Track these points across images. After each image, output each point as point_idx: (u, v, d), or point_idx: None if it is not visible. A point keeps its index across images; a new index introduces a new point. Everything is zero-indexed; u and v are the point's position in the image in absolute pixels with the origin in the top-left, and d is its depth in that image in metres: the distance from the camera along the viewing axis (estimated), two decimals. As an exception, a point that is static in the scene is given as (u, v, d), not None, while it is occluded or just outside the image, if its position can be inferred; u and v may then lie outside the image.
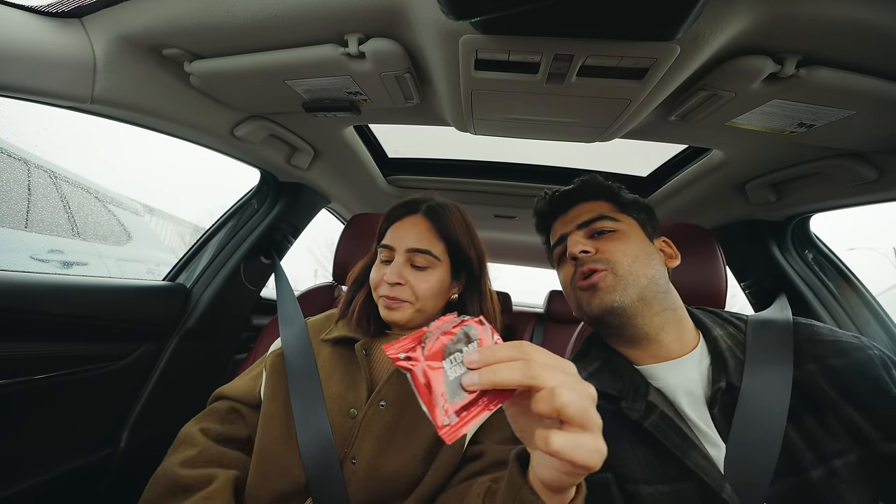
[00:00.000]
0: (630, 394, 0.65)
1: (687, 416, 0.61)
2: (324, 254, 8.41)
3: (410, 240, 0.74)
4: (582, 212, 0.76)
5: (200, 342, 1.27)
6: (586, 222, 0.74)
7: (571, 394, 0.33)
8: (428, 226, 0.76)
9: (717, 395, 0.61)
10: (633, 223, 0.75)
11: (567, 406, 0.32)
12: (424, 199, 0.81)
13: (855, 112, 0.70)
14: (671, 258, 0.77)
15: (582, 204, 0.78)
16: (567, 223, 0.77)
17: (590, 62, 0.63)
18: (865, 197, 0.95)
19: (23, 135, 1.66)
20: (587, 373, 0.73)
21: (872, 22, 0.54)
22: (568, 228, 0.76)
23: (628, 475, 0.59)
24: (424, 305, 0.74)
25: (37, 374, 0.86)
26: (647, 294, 0.67)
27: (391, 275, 0.72)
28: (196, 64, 0.79)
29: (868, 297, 1.13)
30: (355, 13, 0.64)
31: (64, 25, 0.69)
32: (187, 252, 1.33)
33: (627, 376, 0.68)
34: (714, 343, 0.67)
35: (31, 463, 0.88)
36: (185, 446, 0.69)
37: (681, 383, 0.64)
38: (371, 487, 0.63)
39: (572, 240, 0.73)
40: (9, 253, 1.63)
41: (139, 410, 1.11)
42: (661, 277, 0.70)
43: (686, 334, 0.69)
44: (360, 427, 0.67)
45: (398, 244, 0.75)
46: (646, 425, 0.60)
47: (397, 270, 0.72)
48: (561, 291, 2.14)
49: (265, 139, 1.11)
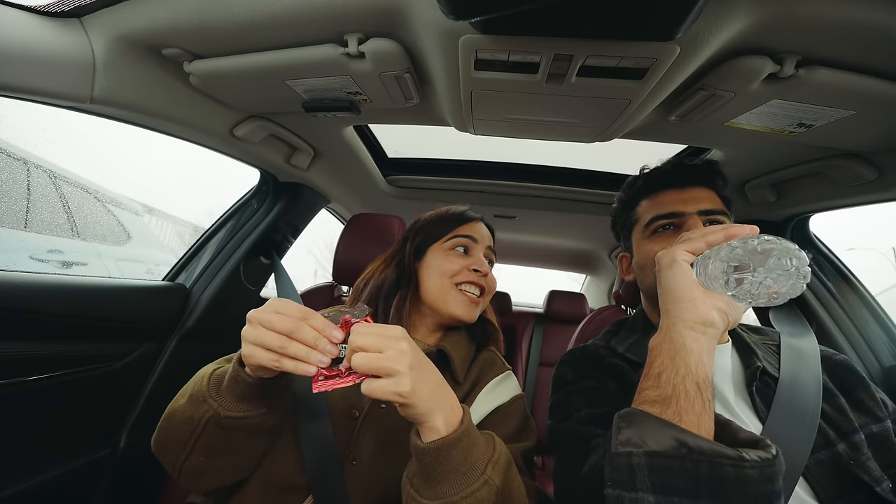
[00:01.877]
0: None
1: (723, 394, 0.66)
2: (323, 254, 8.41)
3: (487, 239, 0.86)
4: (703, 196, 0.74)
5: (200, 342, 1.27)
6: (708, 211, 0.72)
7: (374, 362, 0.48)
8: (490, 234, 0.89)
9: (756, 373, 0.66)
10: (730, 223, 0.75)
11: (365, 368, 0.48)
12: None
13: (854, 112, 0.70)
14: None
15: (703, 188, 0.75)
16: (686, 202, 0.73)
17: (589, 62, 0.63)
18: (865, 197, 0.95)
19: (22, 134, 1.66)
20: (624, 346, 0.77)
21: (872, 22, 0.54)
22: (688, 208, 0.72)
23: None
24: (483, 302, 0.81)
25: (36, 375, 0.86)
26: None
27: (484, 263, 0.81)
28: (195, 64, 0.79)
29: (867, 297, 1.14)
30: (355, 13, 0.64)
31: (63, 25, 0.69)
32: (187, 252, 1.33)
33: None
34: (740, 337, 0.74)
35: (30, 463, 0.88)
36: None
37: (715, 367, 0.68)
38: (371, 489, 0.63)
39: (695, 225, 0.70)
40: (8, 253, 1.63)
41: (139, 411, 1.11)
42: None
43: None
44: (361, 428, 0.67)
45: (481, 238, 0.84)
46: None
47: (483, 261, 0.81)
48: (561, 291, 2.16)
49: (265, 139, 1.11)
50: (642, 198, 0.80)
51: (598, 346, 0.81)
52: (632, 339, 0.78)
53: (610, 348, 0.78)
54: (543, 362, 2.05)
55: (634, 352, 0.74)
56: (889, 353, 1.06)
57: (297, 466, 0.65)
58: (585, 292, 3.03)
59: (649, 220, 0.76)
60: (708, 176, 0.76)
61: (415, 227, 0.89)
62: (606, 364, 0.75)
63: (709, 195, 0.74)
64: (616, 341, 0.79)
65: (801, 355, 0.71)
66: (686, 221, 0.72)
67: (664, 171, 0.80)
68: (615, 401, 0.66)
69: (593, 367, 0.76)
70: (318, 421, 0.67)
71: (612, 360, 0.75)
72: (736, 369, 0.69)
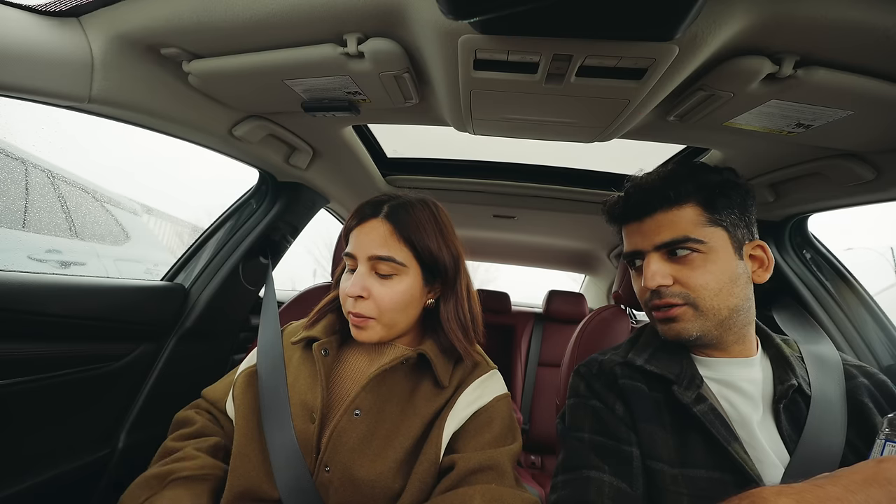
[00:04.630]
0: (685, 381, 0.65)
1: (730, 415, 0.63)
2: (322, 254, 8.41)
3: (372, 246, 0.67)
4: (661, 225, 0.65)
5: (199, 342, 1.26)
6: (666, 244, 0.64)
7: None
8: (390, 229, 0.68)
9: (788, 391, 0.63)
10: (722, 236, 0.64)
11: None
12: (389, 198, 0.73)
13: (853, 112, 0.70)
14: (762, 268, 0.68)
15: (663, 212, 0.65)
16: (644, 236, 0.67)
17: (588, 62, 0.63)
18: (863, 197, 0.95)
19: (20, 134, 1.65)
20: (643, 358, 0.71)
21: (870, 22, 0.54)
22: (644, 245, 0.67)
23: (656, 455, 0.62)
24: (392, 319, 0.68)
25: (35, 375, 0.86)
26: (728, 323, 0.65)
27: (353, 287, 0.66)
28: (194, 63, 0.78)
29: (866, 297, 1.14)
30: (354, 13, 0.64)
31: (61, 24, 0.69)
32: (186, 252, 1.33)
33: (686, 364, 0.68)
34: (777, 349, 0.69)
35: (29, 463, 0.88)
36: (184, 425, 0.73)
37: (742, 379, 0.66)
38: (347, 495, 0.62)
39: (649, 269, 0.65)
40: (6, 253, 1.63)
41: (137, 411, 1.11)
42: (745, 301, 0.66)
43: (751, 340, 0.70)
44: (333, 435, 0.65)
45: (360, 251, 0.68)
46: (695, 410, 0.61)
47: (360, 282, 0.66)
48: (560, 291, 2.16)
49: (264, 139, 1.11)
50: (620, 228, 0.76)
51: (614, 363, 0.74)
52: (650, 349, 0.73)
53: (627, 363, 0.73)
54: (543, 362, 2.05)
55: (655, 363, 0.70)
56: (887, 353, 1.06)
57: (267, 476, 0.64)
58: (585, 292, 3.03)
59: (624, 256, 0.74)
60: (663, 197, 0.66)
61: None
62: (618, 386, 0.70)
63: (672, 218, 0.65)
64: (635, 352, 0.74)
65: (825, 366, 0.68)
66: (644, 265, 0.67)
67: (619, 205, 0.73)
68: (619, 430, 0.65)
69: (605, 387, 0.72)
70: (282, 427, 0.67)
71: (625, 380, 0.70)
72: (766, 385, 0.66)
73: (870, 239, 13.51)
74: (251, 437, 0.68)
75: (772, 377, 0.66)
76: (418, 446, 0.65)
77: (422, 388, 0.70)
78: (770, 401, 0.64)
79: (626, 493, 0.58)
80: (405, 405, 0.68)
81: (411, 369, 0.72)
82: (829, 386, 0.65)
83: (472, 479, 0.60)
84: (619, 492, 0.58)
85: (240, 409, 0.71)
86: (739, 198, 0.66)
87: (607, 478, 0.59)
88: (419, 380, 0.71)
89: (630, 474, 0.60)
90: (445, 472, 0.62)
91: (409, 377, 0.71)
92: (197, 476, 0.63)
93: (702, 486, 0.57)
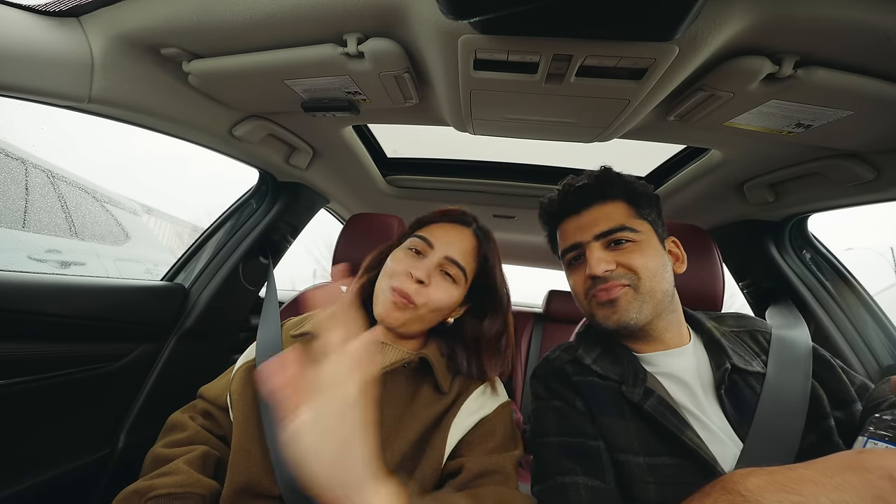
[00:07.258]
0: (630, 379, 0.69)
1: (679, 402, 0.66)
2: (322, 254, 8.40)
3: (455, 249, 0.72)
4: (599, 217, 0.72)
5: (199, 342, 1.26)
6: (605, 233, 0.70)
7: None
8: (475, 244, 0.75)
9: (724, 375, 0.66)
10: (649, 228, 0.72)
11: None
12: (473, 217, 0.80)
13: (852, 112, 0.70)
14: (678, 262, 0.77)
15: (598, 206, 0.73)
16: (583, 229, 0.73)
17: (588, 62, 0.64)
18: (863, 197, 0.95)
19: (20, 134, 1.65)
20: (591, 358, 0.75)
21: (870, 22, 0.55)
22: (584, 237, 0.72)
23: (620, 446, 0.64)
24: (426, 316, 0.70)
25: (35, 375, 0.86)
26: (659, 308, 0.70)
27: (420, 270, 0.68)
28: (194, 63, 0.79)
29: (865, 297, 1.14)
30: (354, 13, 0.64)
31: (61, 24, 0.69)
32: (186, 252, 1.33)
33: (627, 362, 0.72)
34: (709, 333, 0.73)
35: (29, 463, 0.88)
36: (175, 430, 0.72)
37: (680, 369, 0.69)
38: None
39: (593, 257, 0.69)
40: (6, 253, 1.63)
41: (137, 411, 1.11)
42: (671, 286, 0.72)
43: (683, 329, 0.75)
44: None
45: (442, 246, 0.72)
46: (646, 407, 0.64)
47: (427, 269, 0.69)
48: (560, 291, 2.16)
49: (264, 139, 1.11)
50: (554, 228, 0.81)
51: (563, 361, 0.78)
52: (597, 351, 0.76)
53: (576, 361, 0.76)
54: (542, 362, 2.05)
55: (601, 364, 0.73)
56: (887, 353, 1.06)
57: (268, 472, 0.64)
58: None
59: (561, 253, 0.78)
60: (598, 192, 0.74)
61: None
62: (573, 382, 0.73)
63: (607, 211, 0.72)
64: (584, 350, 0.77)
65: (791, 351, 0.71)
66: (586, 251, 0.71)
67: (557, 201, 0.79)
68: (583, 425, 0.67)
69: (561, 384, 0.75)
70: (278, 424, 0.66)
71: (578, 377, 0.73)
72: (703, 370, 0.69)
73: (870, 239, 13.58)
74: (251, 433, 0.67)
75: (708, 363, 0.70)
76: (416, 450, 0.65)
77: (422, 393, 0.70)
78: (711, 386, 0.67)
79: (601, 490, 0.61)
80: (404, 409, 0.68)
81: (412, 373, 0.72)
82: (788, 370, 0.67)
83: (480, 481, 0.60)
84: (594, 491, 0.60)
85: (239, 405, 0.71)
86: (655, 202, 0.77)
87: (581, 479, 0.61)
88: (419, 384, 0.71)
89: (601, 469, 0.63)
90: (450, 476, 0.63)
91: (410, 381, 0.71)
92: (177, 494, 0.62)
93: (667, 472, 0.60)
